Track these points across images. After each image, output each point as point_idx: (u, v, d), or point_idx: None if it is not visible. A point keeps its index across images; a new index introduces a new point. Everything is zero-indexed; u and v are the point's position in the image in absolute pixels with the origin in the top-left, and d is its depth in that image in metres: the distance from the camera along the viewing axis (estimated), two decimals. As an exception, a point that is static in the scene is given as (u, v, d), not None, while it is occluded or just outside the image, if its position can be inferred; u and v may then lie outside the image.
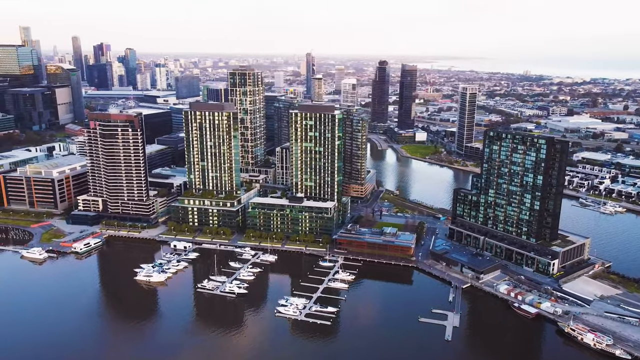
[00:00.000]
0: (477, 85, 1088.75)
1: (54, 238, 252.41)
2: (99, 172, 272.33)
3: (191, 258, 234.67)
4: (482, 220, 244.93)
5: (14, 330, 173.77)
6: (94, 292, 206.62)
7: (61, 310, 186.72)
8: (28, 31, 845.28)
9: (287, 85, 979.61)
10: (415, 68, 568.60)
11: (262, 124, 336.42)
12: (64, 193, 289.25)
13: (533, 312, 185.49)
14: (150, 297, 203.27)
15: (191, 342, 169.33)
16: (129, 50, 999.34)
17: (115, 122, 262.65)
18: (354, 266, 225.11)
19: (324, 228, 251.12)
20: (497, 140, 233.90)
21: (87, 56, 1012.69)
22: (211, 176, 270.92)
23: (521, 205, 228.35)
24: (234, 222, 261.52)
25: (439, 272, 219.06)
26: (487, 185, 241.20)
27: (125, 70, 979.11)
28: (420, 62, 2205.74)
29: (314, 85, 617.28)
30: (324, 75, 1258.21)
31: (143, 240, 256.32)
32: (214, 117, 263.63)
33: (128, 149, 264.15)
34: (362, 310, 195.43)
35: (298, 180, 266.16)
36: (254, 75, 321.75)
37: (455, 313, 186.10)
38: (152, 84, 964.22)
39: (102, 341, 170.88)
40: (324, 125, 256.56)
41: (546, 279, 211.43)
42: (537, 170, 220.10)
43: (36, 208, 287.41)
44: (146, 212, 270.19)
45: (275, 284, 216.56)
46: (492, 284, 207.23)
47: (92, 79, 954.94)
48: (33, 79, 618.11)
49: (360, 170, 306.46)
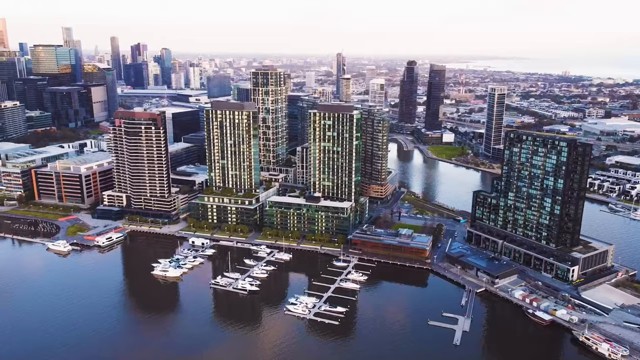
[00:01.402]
0: (513, 85, 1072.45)
1: (79, 232, 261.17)
2: (123, 169, 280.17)
3: (208, 254, 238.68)
4: (502, 224, 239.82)
5: (38, 318, 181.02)
6: (111, 284, 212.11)
7: (80, 300, 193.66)
8: (70, 32, 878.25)
9: (319, 85, 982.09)
10: (444, 68, 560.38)
11: (284, 124, 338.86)
12: (91, 188, 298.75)
13: (547, 319, 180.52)
14: (164, 291, 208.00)
15: (192, 337, 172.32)
16: (164, 50, 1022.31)
17: (139, 120, 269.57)
18: (367, 267, 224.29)
19: (340, 228, 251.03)
20: (518, 142, 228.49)
21: (124, 56, 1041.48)
22: (231, 174, 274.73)
23: (541, 209, 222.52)
24: (252, 220, 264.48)
25: (454, 275, 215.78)
26: (507, 188, 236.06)
27: (160, 70, 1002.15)
28: (456, 62, 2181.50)
29: (343, 85, 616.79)
30: (356, 75, 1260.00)
31: (163, 235, 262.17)
32: (234, 116, 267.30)
33: (151, 146, 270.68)
34: (371, 312, 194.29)
35: (316, 179, 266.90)
36: (276, 75, 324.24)
37: (467, 317, 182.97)
38: (185, 83, 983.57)
39: (115, 329, 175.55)
40: (342, 125, 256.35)
41: (565, 286, 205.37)
42: (557, 173, 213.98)
43: (64, 202, 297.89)
44: (168, 209, 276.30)
45: (287, 282, 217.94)
46: (508, 289, 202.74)
47: (128, 78, 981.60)
48: (70, 77, 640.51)
49: (380, 170, 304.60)
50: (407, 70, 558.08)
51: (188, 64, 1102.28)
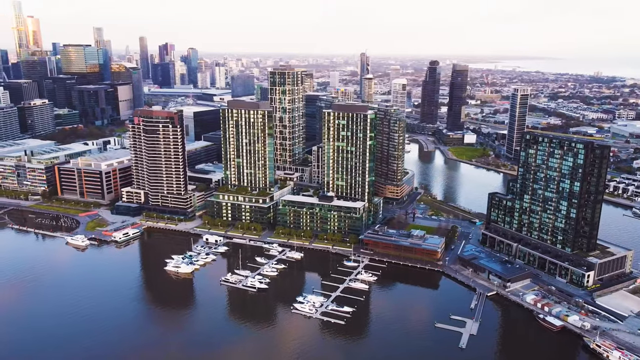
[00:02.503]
0: (541, 86, 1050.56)
1: (98, 227, 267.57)
2: (141, 166, 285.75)
3: (220, 251, 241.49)
4: (517, 227, 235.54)
5: (55, 310, 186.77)
6: (124, 279, 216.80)
7: (95, 292, 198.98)
8: (100, 32, 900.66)
9: (343, 85, 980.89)
10: (467, 68, 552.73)
11: (300, 123, 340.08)
12: (111, 185, 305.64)
13: (558, 324, 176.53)
14: (175, 287, 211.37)
15: (195, 332, 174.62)
16: (191, 50, 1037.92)
17: (157, 118, 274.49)
18: (378, 267, 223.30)
19: (352, 228, 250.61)
20: (534, 143, 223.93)
21: (152, 55, 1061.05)
22: (246, 173, 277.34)
23: (557, 213, 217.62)
24: (265, 218, 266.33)
25: (465, 278, 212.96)
26: (522, 191, 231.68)
27: (187, 69, 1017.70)
28: (485, 62, 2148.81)
29: (365, 85, 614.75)
30: (381, 75, 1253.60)
31: (179, 232, 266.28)
32: (249, 115, 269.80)
33: (168, 144, 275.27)
34: (379, 312, 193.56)
35: (330, 179, 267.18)
36: (293, 75, 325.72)
37: (475, 321, 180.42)
38: (211, 82, 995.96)
39: (127, 321, 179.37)
40: (356, 125, 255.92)
41: (579, 291, 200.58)
42: (574, 176, 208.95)
43: (85, 198, 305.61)
44: (184, 206, 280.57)
45: (297, 281, 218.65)
46: (519, 293, 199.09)
47: (156, 77, 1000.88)
48: (98, 76, 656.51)
49: (396, 171, 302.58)
50: (429, 70, 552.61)
51: (214, 64, 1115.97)
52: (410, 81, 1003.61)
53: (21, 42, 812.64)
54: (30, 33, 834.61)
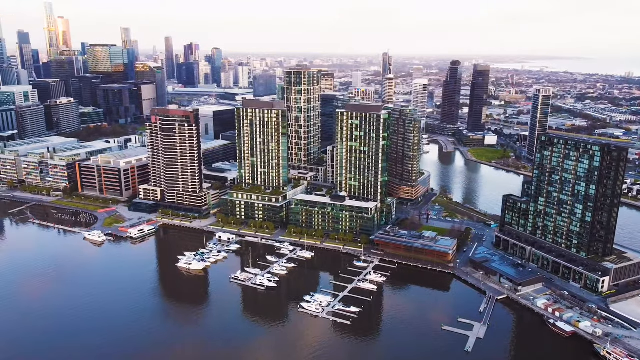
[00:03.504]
0: (569, 87, 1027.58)
1: (115, 223, 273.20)
2: (158, 164, 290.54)
3: (232, 249, 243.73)
4: (531, 230, 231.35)
5: (68, 303, 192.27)
6: (137, 274, 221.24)
7: (107, 287, 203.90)
8: (128, 32, 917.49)
9: (365, 85, 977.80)
10: (488, 68, 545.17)
11: (316, 122, 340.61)
12: (129, 182, 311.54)
13: (569, 330, 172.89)
14: (185, 283, 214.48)
15: (199, 328, 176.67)
16: (215, 50, 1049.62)
17: (173, 117, 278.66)
18: (387, 268, 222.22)
19: (364, 228, 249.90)
20: (549, 145, 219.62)
21: (177, 55, 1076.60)
22: (260, 172, 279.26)
23: (572, 216, 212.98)
24: (278, 217, 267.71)
25: (476, 280, 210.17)
26: (537, 193, 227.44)
27: (211, 69, 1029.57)
28: (512, 62, 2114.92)
29: (386, 85, 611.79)
30: (405, 75, 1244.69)
31: (193, 230, 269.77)
32: (264, 115, 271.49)
33: (184, 142, 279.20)
34: (385, 313, 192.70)
35: (342, 179, 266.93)
36: (309, 75, 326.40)
37: (483, 324, 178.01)
38: (235, 82, 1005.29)
39: (135, 316, 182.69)
40: (369, 125, 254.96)
41: (593, 297, 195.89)
42: (590, 179, 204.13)
43: (105, 194, 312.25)
44: (198, 204, 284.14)
45: (306, 280, 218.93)
46: (530, 297, 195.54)
47: (181, 76, 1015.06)
48: (123, 76, 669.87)
49: (411, 171, 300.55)
50: (450, 70, 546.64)
51: (238, 64, 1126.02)
52: (434, 81, 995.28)
53: (52, 42, 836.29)
54: (60, 33, 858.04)
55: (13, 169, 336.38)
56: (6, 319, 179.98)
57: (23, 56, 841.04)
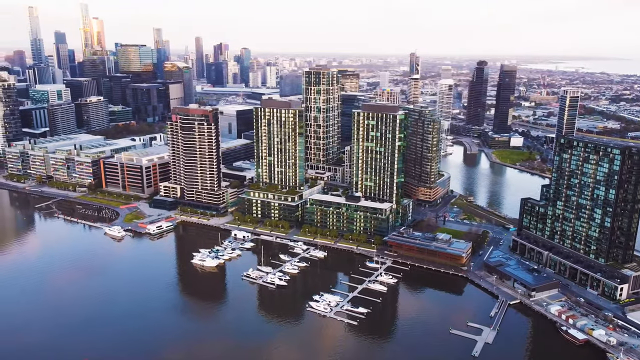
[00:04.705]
0: (604, 88, 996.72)
1: (135, 219, 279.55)
2: (178, 162, 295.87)
3: (246, 247, 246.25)
4: (549, 234, 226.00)
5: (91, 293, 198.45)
6: (152, 269, 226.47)
7: (121, 281, 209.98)
8: (160, 32, 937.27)
9: (393, 85, 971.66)
10: (515, 68, 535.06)
11: (335, 122, 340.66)
12: (151, 179, 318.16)
13: (581, 338, 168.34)
14: (197, 279, 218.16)
15: (201, 324, 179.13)
16: (244, 50, 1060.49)
17: (192, 116, 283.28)
18: (399, 270, 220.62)
19: (378, 229, 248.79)
20: (568, 147, 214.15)
21: (207, 55, 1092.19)
22: (277, 171, 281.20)
23: (590, 221, 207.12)
24: (293, 216, 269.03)
25: (489, 284, 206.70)
26: (555, 197, 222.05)
27: (239, 69, 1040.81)
28: (546, 62, 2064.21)
29: (411, 85, 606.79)
30: (435, 75, 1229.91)
31: (210, 227, 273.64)
32: (281, 114, 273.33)
33: (203, 141, 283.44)
34: (394, 315, 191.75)
35: (358, 179, 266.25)
36: (328, 75, 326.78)
37: (493, 329, 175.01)
38: (262, 81, 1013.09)
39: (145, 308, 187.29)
40: (385, 125, 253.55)
41: (610, 305, 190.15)
42: (609, 183, 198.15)
43: (127, 191, 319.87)
44: (216, 202, 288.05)
45: (317, 279, 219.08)
46: (544, 303, 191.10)
47: (210, 76, 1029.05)
48: (152, 75, 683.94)
49: (429, 173, 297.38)
50: (476, 71, 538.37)
51: (266, 64, 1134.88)
52: (464, 82, 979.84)
53: (87, 42, 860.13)
54: (95, 34, 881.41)
55: (42, 165, 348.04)
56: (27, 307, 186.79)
57: (59, 56, 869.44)
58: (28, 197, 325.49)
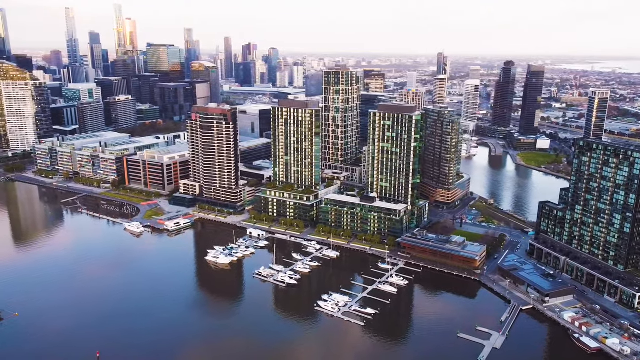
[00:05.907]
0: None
1: (154, 215, 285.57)
2: (197, 160, 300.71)
3: (261, 245, 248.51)
4: (567, 239, 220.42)
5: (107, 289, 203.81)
6: (166, 265, 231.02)
7: (141, 275, 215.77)
8: (190, 32, 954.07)
9: (422, 85, 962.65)
10: (543, 69, 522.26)
11: (354, 122, 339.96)
12: (171, 176, 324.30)
13: (593, 346, 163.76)
14: (210, 276, 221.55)
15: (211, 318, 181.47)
16: (272, 50, 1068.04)
17: (212, 115, 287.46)
18: (411, 272, 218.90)
19: (392, 230, 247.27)
20: (588, 150, 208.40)
21: (236, 55, 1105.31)
22: (293, 170, 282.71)
23: (609, 226, 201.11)
24: (308, 216, 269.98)
25: (502, 289, 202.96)
26: (574, 201, 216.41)
27: (267, 68, 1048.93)
28: (581, 63, 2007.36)
29: (437, 85, 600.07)
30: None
31: (226, 225, 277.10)
32: (298, 114, 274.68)
33: (221, 140, 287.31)
34: (402, 316, 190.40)
35: (373, 180, 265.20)
36: (348, 75, 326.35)
37: (502, 334, 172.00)
38: (290, 81, 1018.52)
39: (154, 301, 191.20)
40: (401, 126, 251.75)
41: (627, 313, 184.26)
42: (629, 187, 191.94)
43: (149, 188, 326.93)
44: (234, 200, 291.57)
45: (327, 279, 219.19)
46: (558, 309, 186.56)
47: (238, 75, 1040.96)
48: (180, 75, 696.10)
49: (448, 174, 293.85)
50: (503, 71, 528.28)
51: (293, 64, 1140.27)
52: (494, 82, 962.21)
53: (120, 42, 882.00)
54: (127, 34, 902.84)
55: (69, 161, 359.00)
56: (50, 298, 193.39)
57: (93, 55, 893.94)
58: (55, 193, 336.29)
